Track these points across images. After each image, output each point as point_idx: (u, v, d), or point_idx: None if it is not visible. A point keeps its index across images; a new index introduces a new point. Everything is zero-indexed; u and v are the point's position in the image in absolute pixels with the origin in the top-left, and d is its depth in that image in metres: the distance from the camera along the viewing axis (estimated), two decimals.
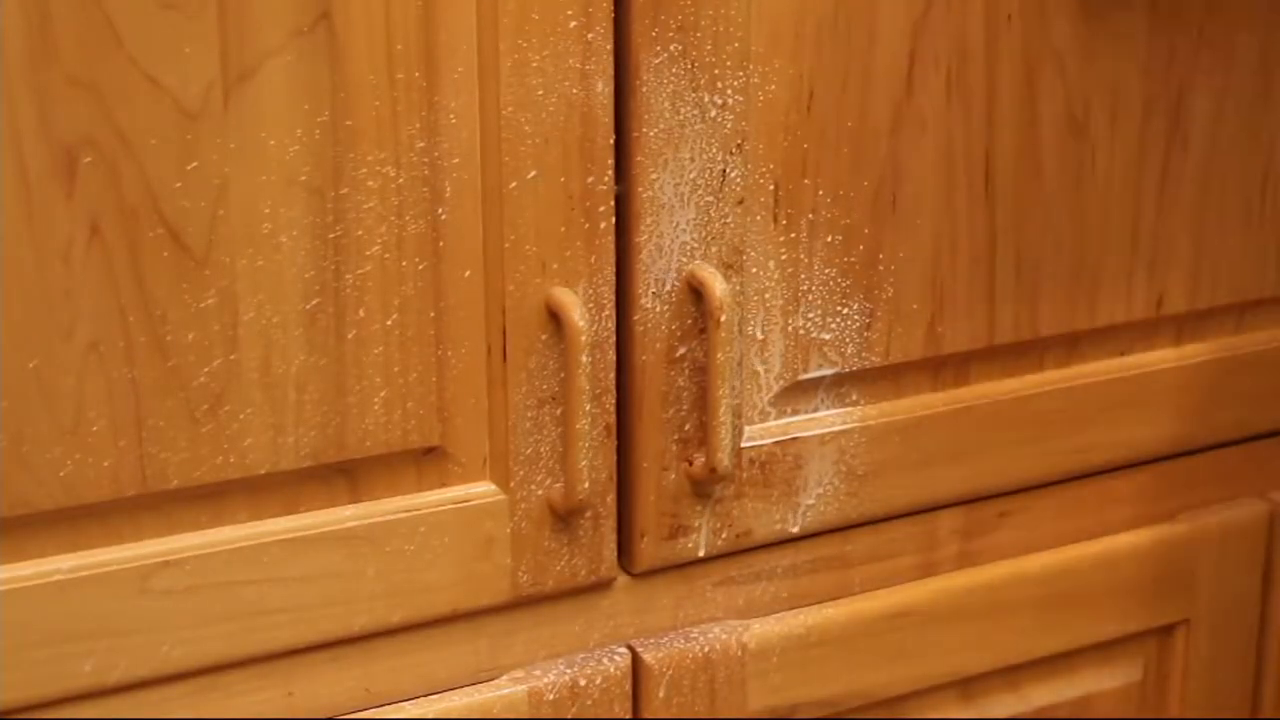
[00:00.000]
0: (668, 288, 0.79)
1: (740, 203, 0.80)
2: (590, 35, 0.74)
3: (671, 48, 0.76)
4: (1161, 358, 0.96)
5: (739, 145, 0.79)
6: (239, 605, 0.73)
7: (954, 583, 0.92)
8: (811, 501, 0.87)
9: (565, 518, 0.80)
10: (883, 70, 0.82)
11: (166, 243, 0.68)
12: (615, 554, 0.83)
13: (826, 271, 0.83)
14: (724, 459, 0.80)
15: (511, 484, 0.78)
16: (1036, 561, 0.95)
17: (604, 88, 0.75)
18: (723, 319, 0.78)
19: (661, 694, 0.84)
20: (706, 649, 0.84)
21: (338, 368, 0.73)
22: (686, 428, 0.82)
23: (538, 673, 0.81)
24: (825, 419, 0.86)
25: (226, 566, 0.73)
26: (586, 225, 0.77)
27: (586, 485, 0.77)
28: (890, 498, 0.90)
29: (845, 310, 0.85)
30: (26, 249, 0.66)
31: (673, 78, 0.77)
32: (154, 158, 0.67)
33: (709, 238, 0.79)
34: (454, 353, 0.76)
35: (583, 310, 0.76)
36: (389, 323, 0.73)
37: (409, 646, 0.79)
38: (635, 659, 0.83)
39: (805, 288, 0.83)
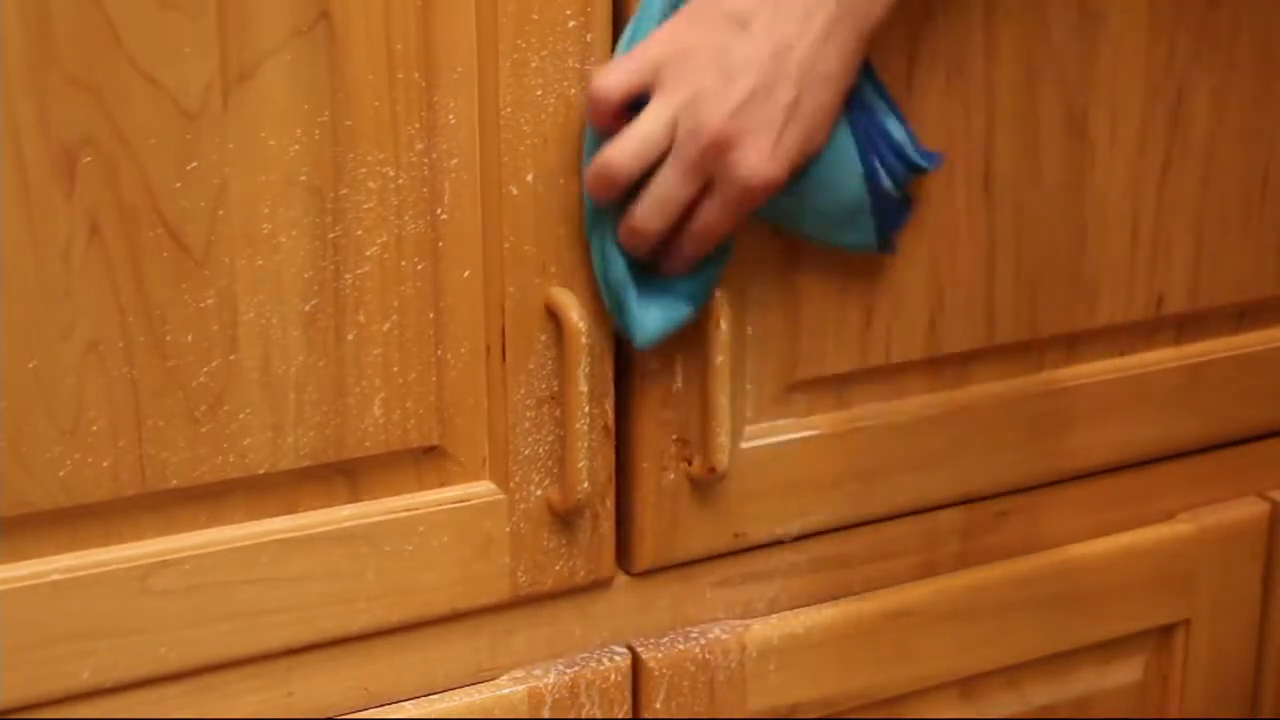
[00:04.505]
0: None
1: None
2: (590, 35, 0.74)
3: None
4: (1161, 358, 0.96)
5: None
6: (238, 605, 0.74)
7: (954, 583, 0.92)
8: (811, 502, 0.87)
9: (564, 518, 0.80)
10: (882, 70, 0.81)
11: (166, 243, 0.68)
12: (614, 554, 0.83)
13: (826, 272, 0.83)
14: (723, 459, 0.80)
15: (511, 484, 0.78)
16: (1036, 561, 0.95)
17: None
18: (721, 320, 0.78)
19: (661, 694, 0.84)
20: (706, 649, 0.84)
21: (337, 368, 0.73)
22: (685, 428, 0.82)
23: (538, 673, 0.82)
24: (824, 419, 0.86)
25: (226, 566, 0.73)
26: None
27: (585, 485, 0.77)
28: (890, 498, 0.90)
29: (845, 310, 0.85)
30: (26, 249, 0.66)
31: None
32: (154, 158, 0.67)
33: None
34: (453, 353, 0.76)
35: (582, 311, 0.76)
36: (388, 323, 0.73)
37: (409, 646, 0.79)
38: (635, 659, 0.83)
39: (804, 288, 0.83)
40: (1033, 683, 0.97)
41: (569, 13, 0.73)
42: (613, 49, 0.75)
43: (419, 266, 0.74)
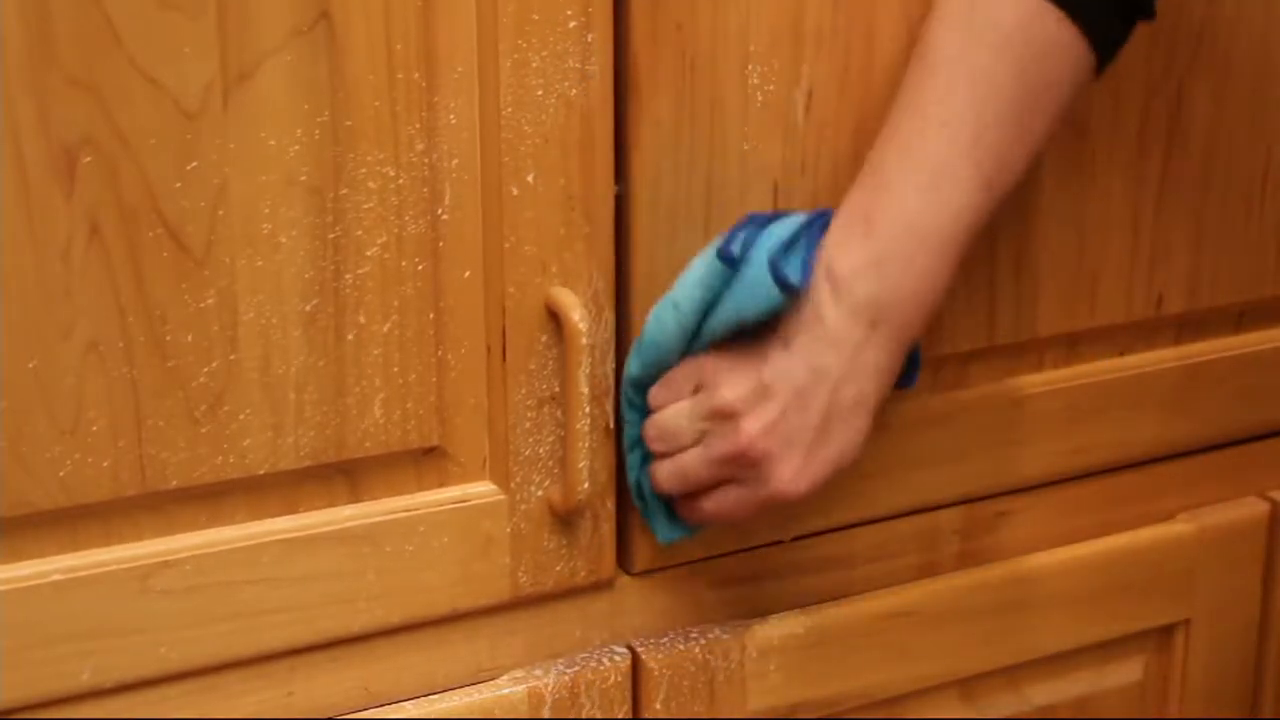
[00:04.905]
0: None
1: (740, 203, 0.80)
2: (590, 35, 0.74)
3: (671, 48, 0.76)
4: (1161, 358, 0.96)
5: (738, 145, 0.79)
6: (238, 605, 0.73)
7: (954, 583, 0.92)
8: (811, 501, 0.86)
9: (565, 518, 0.80)
10: (882, 70, 0.81)
11: (166, 243, 0.68)
12: (615, 554, 0.82)
13: None
14: None
15: (511, 484, 0.78)
16: (1036, 561, 0.95)
17: (604, 88, 0.75)
18: None
19: (661, 694, 0.84)
20: (706, 649, 0.84)
21: (337, 368, 0.73)
22: None
23: (538, 673, 0.81)
24: None
25: (226, 567, 0.73)
26: (586, 226, 0.76)
27: (586, 486, 0.77)
28: (890, 498, 0.90)
29: None
30: (26, 249, 0.66)
31: (672, 78, 0.77)
32: (154, 158, 0.67)
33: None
34: (453, 353, 0.76)
35: (582, 311, 0.76)
36: (388, 323, 0.73)
37: (409, 646, 0.79)
38: (635, 659, 0.83)
39: None
40: (1033, 683, 0.97)
41: (570, 13, 0.73)
42: (614, 50, 0.75)
43: (419, 267, 0.74)
